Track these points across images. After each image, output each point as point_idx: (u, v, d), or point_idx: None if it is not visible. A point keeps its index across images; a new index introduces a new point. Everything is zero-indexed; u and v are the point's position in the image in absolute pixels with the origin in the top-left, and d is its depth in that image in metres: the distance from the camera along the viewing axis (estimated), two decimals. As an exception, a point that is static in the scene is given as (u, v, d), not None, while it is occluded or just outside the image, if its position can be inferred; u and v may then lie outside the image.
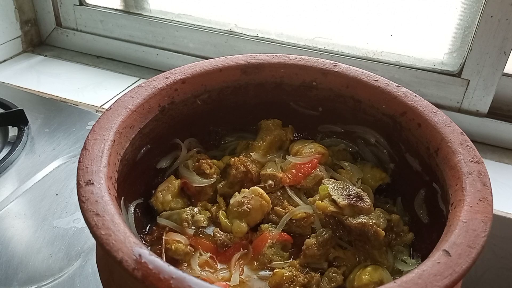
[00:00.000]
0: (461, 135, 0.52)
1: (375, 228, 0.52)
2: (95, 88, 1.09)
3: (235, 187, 0.61)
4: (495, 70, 0.87)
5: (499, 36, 0.84)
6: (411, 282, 0.38)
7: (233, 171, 0.61)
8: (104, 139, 0.49)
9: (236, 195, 0.59)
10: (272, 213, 0.59)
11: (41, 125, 0.94)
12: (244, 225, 0.57)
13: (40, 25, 1.25)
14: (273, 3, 1.02)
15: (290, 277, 0.51)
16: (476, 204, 0.44)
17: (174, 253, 0.54)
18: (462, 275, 0.39)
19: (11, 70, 1.15)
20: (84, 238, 0.71)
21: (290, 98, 0.65)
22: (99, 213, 0.41)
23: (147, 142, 0.58)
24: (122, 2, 1.16)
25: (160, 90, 0.57)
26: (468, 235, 0.41)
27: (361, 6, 0.95)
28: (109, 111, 0.53)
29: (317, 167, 0.61)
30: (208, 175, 0.61)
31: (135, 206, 0.57)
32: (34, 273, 0.66)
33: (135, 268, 0.37)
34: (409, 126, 0.57)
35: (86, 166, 0.46)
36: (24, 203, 0.77)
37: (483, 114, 0.93)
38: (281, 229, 0.57)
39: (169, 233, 0.56)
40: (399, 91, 0.58)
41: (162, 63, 1.14)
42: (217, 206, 0.61)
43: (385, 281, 0.51)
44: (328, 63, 0.63)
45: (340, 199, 0.53)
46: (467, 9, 0.87)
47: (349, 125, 0.65)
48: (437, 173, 0.52)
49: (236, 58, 0.63)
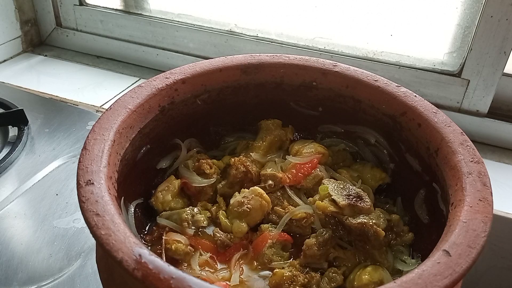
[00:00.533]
0: (461, 135, 0.52)
1: (375, 228, 0.52)
2: (95, 88, 1.09)
3: (235, 187, 0.61)
4: (495, 70, 0.87)
5: (499, 36, 0.84)
6: (411, 282, 0.38)
7: (233, 171, 0.61)
8: (104, 139, 0.49)
9: (236, 195, 0.59)
10: (272, 213, 0.59)
11: (41, 125, 0.94)
12: (244, 225, 0.57)
13: (40, 25, 1.25)
14: (273, 3, 1.02)
15: (290, 277, 0.51)
16: (476, 204, 0.44)
17: (174, 253, 0.54)
18: (462, 275, 0.39)
19: (11, 70, 1.15)
20: (84, 238, 0.71)
21: (290, 98, 0.65)
22: (99, 213, 0.41)
23: (147, 142, 0.58)
24: (122, 2, 1.16)
25: (160, 90, 0.57)
26: (468, 235, 0.41)
27: (361, 6, 0.95)
28: (109, 111, 0.53)
29: (317, 167, 0.61)
30: (208, 175, 0.61)
31: (135, 206, 0.57)
32: (34, 273, 0.66)
33: (135, 268, 0.37)
34: (409, 126, 0.57)
35: (86, 166, 0.46)
36: (24, 203, 0.77)
37: (483, 114, 0.93)
38: (281, 229, 0.57)
39: (169, 233, 0.56)
40: (399, 91, 0.58)
41: (162, 63, 1.14)
42: (217, 206, 0.61)
43: (385, 281, 0.51)
44: (328, 63, 0.63)
45: (340, 199, 0.53)
46: (467, 9, 0.87)
47: (349, 125, 0.65)
48: (437, 173, 0.52)
49: (236, 58, 0.63)
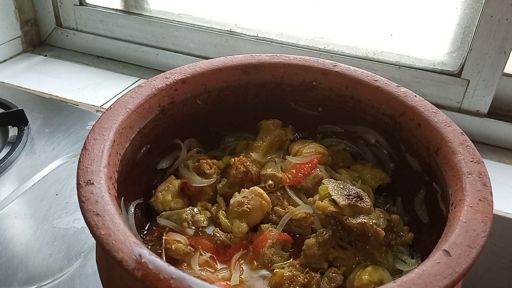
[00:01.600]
0: (461, 135, 0.52)
1: (375, 228, 0.52)
2: (95, 88, 1.09)
3: (235, 187, 0.61)
4: (495, 70, 0.87)
5: (499, 36, 0.84)
6: (411, 282, 0.38)
7: (233, 171, 0.61)
8: (104, 139, 0.49)
9: (236, 195, 0.59)
10: (272, 213, 0.59)
11: (41, 125, 0.94)
12: (244, 225, 0.57)
13: (40, 25, 1.25)
14: (273, 3, 1.02)
15: (290, 277, 0.51)
16: (476, 204, 0.44)
17: (174, 253, 0.54)
18: (462, 275, 0.39)
19: (11, 70, 1.15)
20: (84, 238, 0.71)
21: (290, 98, 0.65)
22: (99, 213, 0.41)
23: (147, 142, 0.58)
24: (122, 2, 1.15)
25: (160, 90, 0.57)
26: (468, 235, 0.41)
27: (361, 6, 0.95)
28: (109, 111, 0.53)
29: (317, 167, 0.61)
30: (208, 175, 0.61)
31: (135, 206, 0.57)
32: (34, 273, 0.66)
33: (135, 268, 0.37)
34: (409, 126, 0.57)
35: (86, 166, 0.46)
36: (24, 203, 0.77)
37: (483, 114, 0.93)
38: (281, 229, 0.57)
39: (169, 233, 0.56)
40: (399, 91, 0.58)
41: (162, 63, 1.14)
42: (217, 206, 0.61)
43: (385, 281, 0.51)
44: (328, 63, 0.63)
45: (340, 199, 0.53)
46: (467, 9, 0.87)
47: (349, 125, 0.65)
48: (437, 173, 0.52)
49: (236, 58, 0.63)
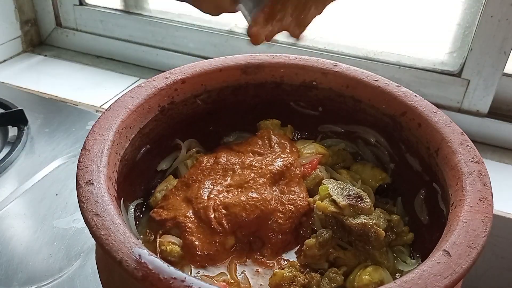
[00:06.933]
0: (461, 135, 0.52)
1: (376, 228, 0.52)
2: (95, 88, 1.09)
3: (235, 187, 0.61)
4: (495, 70, 0.87)
5: (499, 36, 0.84)
6: (411, 282, 0.38)
7: (233, 171, 0.61)
8: (104, 139, 0.49)
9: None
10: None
11: (41, 125, 0.94)
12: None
13: (40, 25, 1.25)
14: (273, 3, 1.01)
15: (290, 278, 0.51)
16: (476, 204, 0.44)
17: (169, 255, 0.53)
18: (462, 275, 0.39)
19: (11, 70, 1.15)
20: (84, 238, 0.71)
21: (290, 98, 0.65)
22: (99, 213, 0.41)
23: (147, 142, 0.58)
24: (122, 2, 1.15)
25: (160, 90, 0.57)
26: (468, 235, 0.41)
27: (361, 6, 0.95)
28: (109, 111, 0.53)
29: (317, 168, 0.61)
30: (208, 175, 0.61)
31: (135, 206, 0.57)
32: (34, 273, 0.66)
33: (135, 268, 0.37)
34: (409, 126, 0.57)
35: (86, 166, 0.46)
36: (24, 203, 0.77)
37: (483, 114, 0.93)
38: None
39: (164, 235, 0.55)
40: (399, 91, 0.58)
41: (162, 63, 1.14)
42: (217, 206, 0.60)
43: (385, 281, 0.51)
44: (328, 63, 0.63)
45: (340, 199, 0.53)
46: (467, 9, 0.87)
47: (349, 125, 0.65)
48: (437, 173, 0.52)
49: (236, 58, 0.63)
